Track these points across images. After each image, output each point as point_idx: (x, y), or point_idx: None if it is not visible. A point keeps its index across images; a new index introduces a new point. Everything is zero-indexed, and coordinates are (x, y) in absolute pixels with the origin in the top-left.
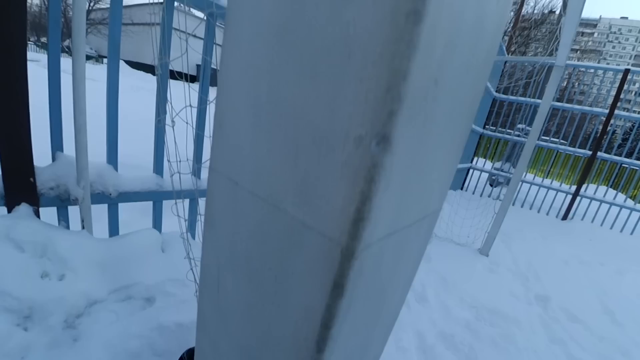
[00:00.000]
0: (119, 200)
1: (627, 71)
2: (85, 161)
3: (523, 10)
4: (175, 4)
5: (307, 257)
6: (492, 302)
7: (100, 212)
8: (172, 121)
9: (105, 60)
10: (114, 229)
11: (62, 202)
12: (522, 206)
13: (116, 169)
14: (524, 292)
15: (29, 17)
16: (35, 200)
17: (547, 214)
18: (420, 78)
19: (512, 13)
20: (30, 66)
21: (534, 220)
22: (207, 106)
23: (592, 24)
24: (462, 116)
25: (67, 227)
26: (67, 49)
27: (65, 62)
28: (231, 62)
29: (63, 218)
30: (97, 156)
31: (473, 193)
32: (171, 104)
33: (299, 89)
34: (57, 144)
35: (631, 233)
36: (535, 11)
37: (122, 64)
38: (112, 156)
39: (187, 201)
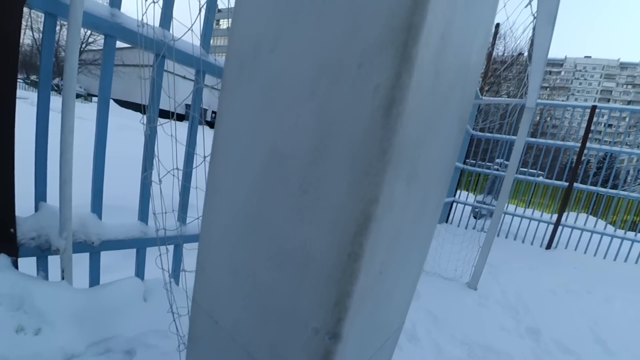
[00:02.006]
0: (102, 249)
1: (594, 107)
2: (69, 212)
3: (493, 53)
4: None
5: None
6: (483, 337)
7: (81, 256)
8: (160, 180)
9: (94, 99)
10: (94, 278)
11: (43, 252)
12: (506, 237)
13: (100, 217)
14: (514, 326)
15: (20, 55)
16: (14, 251)
17: (532, 243)
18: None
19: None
20: (17, 104)
21: (519, 251)
22: (194, 156)
23: (558, 63)
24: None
25: (46, 277)
26: (56, 87)
27: (55, 100)
28: (212, 230)
29: (42, 268)
30: (81, 196)
31: (458, 225)
32: (158, 158)
33: (272, 279)
34: (40, 194)
35: (614, 259)
36: (505, 53)
37: (111, 102)
38: (97, 205)
39: (171, 247)
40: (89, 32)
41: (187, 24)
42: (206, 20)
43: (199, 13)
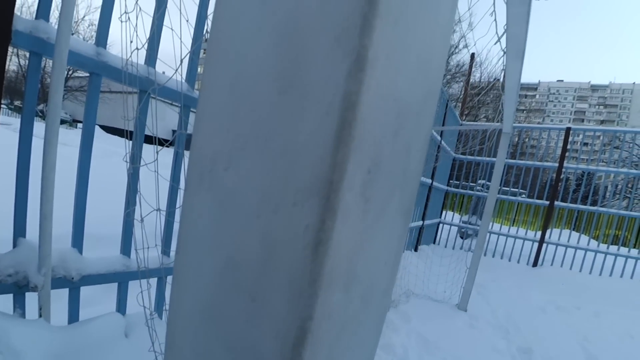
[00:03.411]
0: (82, 284)
1: (568, 129)
2: (49, 248)
3: (471, 79)
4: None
5: None
6: None
7: (60, 291)
8: (142, 219)
9: (79, 125)
10: (74, 314)
11: (20, 288)
12: (493, 256)
13: (81, 251)
14: (506, 346)
15: (4, 81)
16: None
17: (518, 261)
18: None
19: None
20: (0, 130)
21: (507, 269)
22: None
23: (533, 87)
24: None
25: (23, 314)
26: (40, 113)
27: (39, 127)
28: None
29: (19, 305)
30: (62, 225)
31: (445, 246)
32: (141, 194)
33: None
34: (20, 231)
35: (600, 274)
36: (482, 79)
37: (97, 129)
38: (78, 239)
39: (154, 281)
40: None
41: (172, 54)
42: (191, 58)
43: (184, 56)
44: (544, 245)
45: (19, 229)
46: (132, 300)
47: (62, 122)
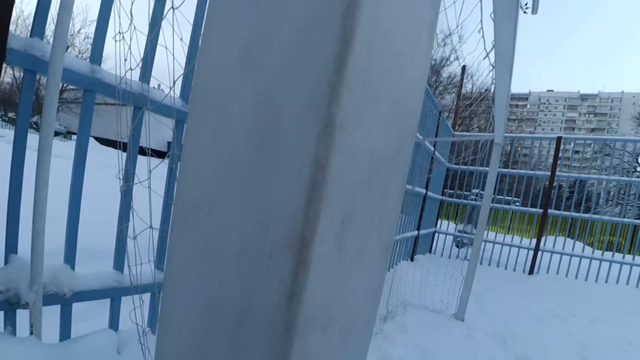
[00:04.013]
0: (74, 300)
1: (559, 138)
2: (41, 265)
3: (463, 90)
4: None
5: None
6: None
7: (52, 307)
8: (135, 236)
9: (73, 137)
10: (65, 331)
11: (11, 305)
12: (489, 264)
13: (73, 267)
14: (504, 356)
15: None
16: None
17: (514, 270)
18: None
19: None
20: None
21: (503, 278)
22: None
23: (523, 97)
24: None
25: (14, 332)
26: (35, 125)
27: (32, 138)
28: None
29: (10, 322)
30: (55, 240)
31: (441, 255)
32: (134, 210)
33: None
34: (11, 247)
35: (595, 281)
36: (474, 89)
37: (91, 140)
38: (70, 256)
39: (148, 296)
40: None
41: (166, 66)
42: (186, 75)
43: (177, 77)
44: (539, 253)
45: (11, 245)
46: (124, 316)
47: (57, 133)
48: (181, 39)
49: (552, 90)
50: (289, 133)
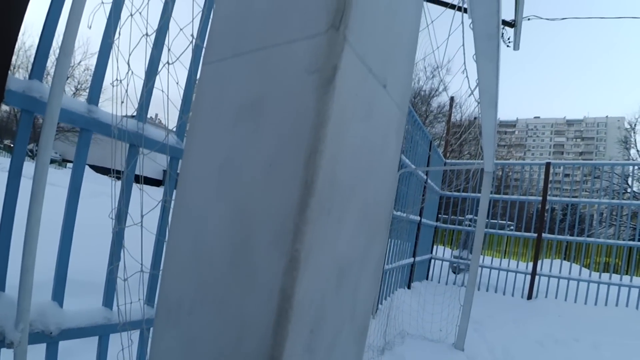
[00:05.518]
0: (61, 338)
1: (548, 164)
2: (28, 303)
3: (452, 119)
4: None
5: None
6: None
7: (38, 345)
8: (126, 278)
9: (68, 164)
10: None
11: None
12: (487, 290)
13: (61, 304)
14: None
15: None
16: None
17: (512, 295)
18: None
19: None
20: None
21: (502, 304)
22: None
23: (511, 124)
24: None
25: None
26: (30, 153)
27: (28, 167)
28: None
29: None
30: (44, 272)
31: (438, 282)
32: (125, 248)
33: None
34: None
35: (595, 304)
36: (463, 118)
37: (86, 169)
38: (59, 293)
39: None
40: None
41: (161, 97)
42: (180, 116)
43: (173, 127)
44: (537, 277)
45: None
46: (112, 354)
47: (52, 161)
48: (177, 83)
49: (538, 117)
50: (259, 259)
